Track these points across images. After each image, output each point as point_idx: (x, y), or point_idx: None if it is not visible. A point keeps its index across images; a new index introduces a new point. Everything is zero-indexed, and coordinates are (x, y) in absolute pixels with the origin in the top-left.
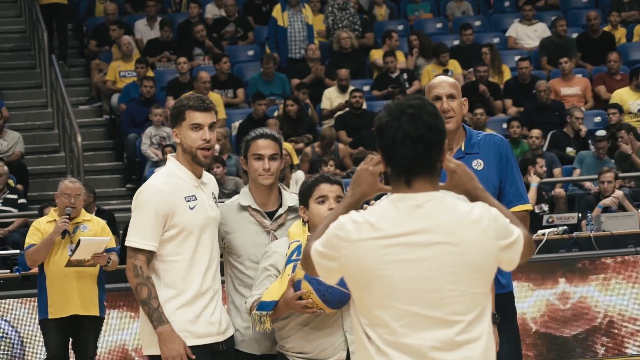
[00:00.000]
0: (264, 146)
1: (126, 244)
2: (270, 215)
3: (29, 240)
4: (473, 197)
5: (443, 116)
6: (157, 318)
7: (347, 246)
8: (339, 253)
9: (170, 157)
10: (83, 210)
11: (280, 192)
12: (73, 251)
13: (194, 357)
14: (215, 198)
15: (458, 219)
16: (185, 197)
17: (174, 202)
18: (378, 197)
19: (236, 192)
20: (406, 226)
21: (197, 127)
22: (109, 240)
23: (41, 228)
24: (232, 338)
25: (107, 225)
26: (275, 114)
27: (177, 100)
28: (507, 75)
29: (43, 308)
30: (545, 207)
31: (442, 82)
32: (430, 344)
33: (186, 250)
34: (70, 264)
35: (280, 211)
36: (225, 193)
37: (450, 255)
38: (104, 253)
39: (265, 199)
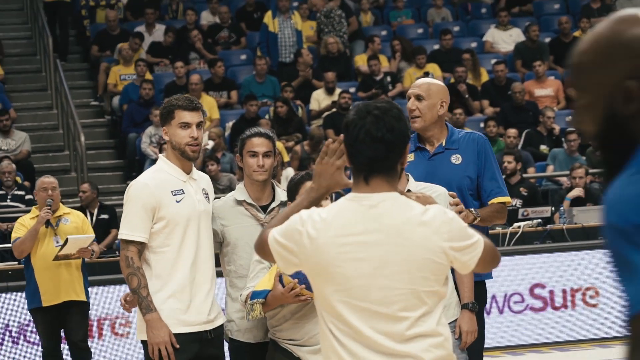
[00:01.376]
0: (258, 144)
1: (118, 236)
2: (264, 209)
3: (15, 235)
4: None
5: (409, 115)
6: (145, 306)
7: (306, 243)
8: (298, 248)
9: (161, 156)
10: (62, 205)
11: (273, 188)
12: (60, 248)
13: (178, 346)
14: (206, 194)
15: (409, 219)
16: (172, 191)
17: (160, 196)
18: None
19: (230, 187)
20: (359, 226)
21: (186, 125)
22: (93, 236)
23: (26, 224)
24: (221, 327)
25: (86, 219)
26: (267, 116)
27: (166, 100)
28: (485, 77)
29: (35, 298)
30: (518, 203)
31: (417, 83)
32: (383, 337)
33: (173, 241)
34: (57, 258)
35: (274, 205)
36: (219, 189)
37: (399, 255)
38: (88, 247)
39: (260, 193)
